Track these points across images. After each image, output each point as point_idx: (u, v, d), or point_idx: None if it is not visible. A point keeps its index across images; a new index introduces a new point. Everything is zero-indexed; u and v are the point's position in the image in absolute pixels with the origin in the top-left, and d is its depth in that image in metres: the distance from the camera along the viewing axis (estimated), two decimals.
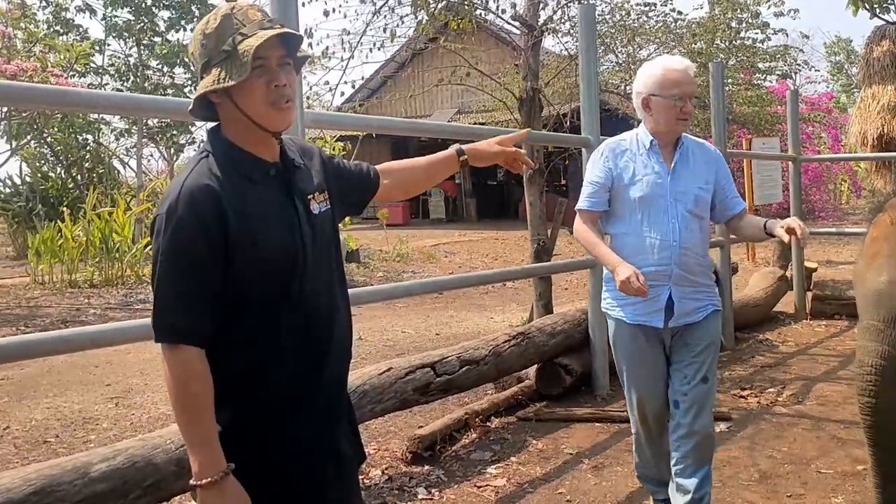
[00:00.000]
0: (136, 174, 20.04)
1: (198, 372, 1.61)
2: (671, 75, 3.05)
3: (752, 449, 4.29)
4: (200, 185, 1.62)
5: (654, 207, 3.09)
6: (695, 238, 3.11)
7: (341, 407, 1.88)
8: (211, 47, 1.67)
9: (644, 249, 3.09)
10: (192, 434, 1.61)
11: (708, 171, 3.18)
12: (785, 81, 20.61)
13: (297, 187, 1.77)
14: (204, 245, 1.60)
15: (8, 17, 11.14)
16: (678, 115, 3.06)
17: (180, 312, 1.61)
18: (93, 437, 4.86)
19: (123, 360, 6.91)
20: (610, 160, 3.19)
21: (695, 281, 3.13)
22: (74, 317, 8.98)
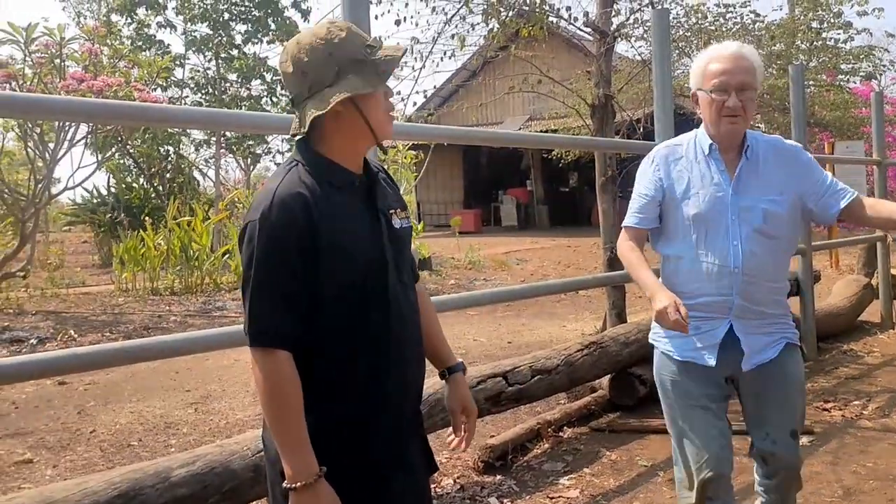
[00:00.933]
0: (214, 184, 20.60)
1: (289, 376, 1.64)
2: (714, 65, 2.57)
3: (836, 464, 4.14)
4: (293, 192, 1.66)
5: (713, 226, 2.60)
6: (763, 263, 2.60)
7: (417, 417, 1.90)
8: (340, 56, 1.69)
9: (699, 276, 2.62)
10: (285, 437, 1.64)
11: (785, 178, 2.63)
12: (869, 83, 19.89)
13: (381, 200, 1.81)
14: (296, 251, 1.63)
15: (94, 34, 11.58)
16: (721, 110, 2.55)
17: (274, 317, 1.65)
18: (173, 441, 5.01)
19: (202, 367, 7.09)
20: (661, 169, 2.72)
21: (762, 312, 2.63)
22: (156, 324, 9.26)
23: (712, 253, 2.60)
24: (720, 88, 2.54)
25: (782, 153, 2.68)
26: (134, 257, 12.08)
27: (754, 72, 2.56)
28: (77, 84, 9.30)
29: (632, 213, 2.76)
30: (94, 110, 2.85)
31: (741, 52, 2.57)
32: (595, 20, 6.62)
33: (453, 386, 2.02)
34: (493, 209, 25.69)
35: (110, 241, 15.72)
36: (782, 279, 2.73)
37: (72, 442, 5.02)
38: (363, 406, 1.74)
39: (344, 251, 1.68)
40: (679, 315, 2.35)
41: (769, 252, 2.61)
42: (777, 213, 2.60)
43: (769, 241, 2.60)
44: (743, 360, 2.61)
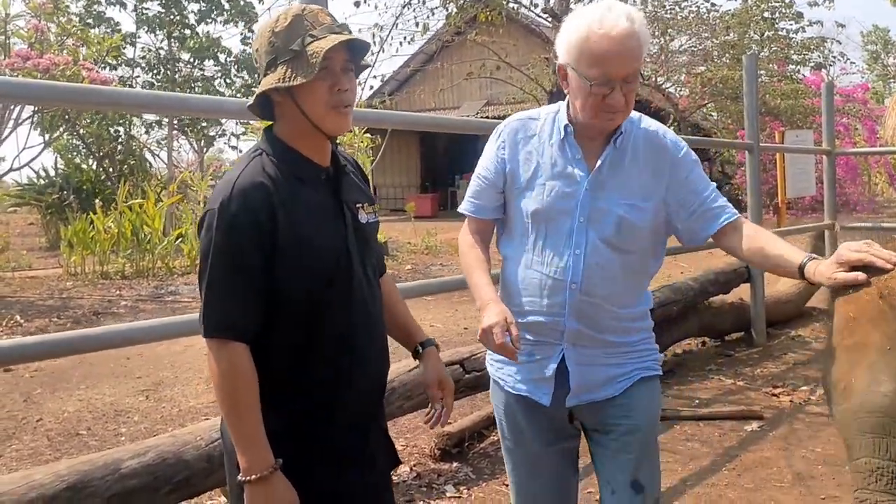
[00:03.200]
0: (166, 166, 20.23)
1: (245, 368, 1.62)
2: (596, 44, 1.91)
3: (786, 449, 4.22)
4: (255, 182, 1.64)
5: (554, 228, 2.08)
6: (610, 281, 2.06)
7: (378, 413, 1.89)
8: (279, 45, 1.67)
9: (532, 289, 2.10)
10: (240, 430, 1.63)
11: (653, 180, 2.08)
12: (819, 73, 20.28)
13: (347, 193, 1.78)
14: (255, 242, 1.62)
15: (41, 11, 11.25)
16: (601, 105, 1.96)
17: (230, 308, 1.63)
18: (124, 430, 4.91)
19: (154, 353, 6.97)
20: (506, 147, 2.17)
21: (605, 341, 2.10)
22: (106, 308, 9.07)
23: (548, 261, 2.08)
24: (602, 81, 1.94)
25: (658, 149, 2.11)
26: (83, 240, 11.81)
27: (642, 53, 1.98)
28: (22, 62, 9.06)
29: (467, 198, 2.26)
30: (39, 93, 2.74)
31: (632, 29, 1.91)
32: (553, 6, 6.61)
33: (427, 360, 2.02)
34: (451, 193, 25.67)
35: (58, 224, 15.34)
36: (636, 303, 2.16)
37: (17, 431, 4.89)
38: (324, 399, 1.72)
39: (306, 245, 1.66)
40: (508, 337, 1.87)
41: (620, 269, 2.07)
42: (634, 222, 2.06)
43: (620, 255, 2.07)
44: (569, 395, 2.11)
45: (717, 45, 17.55)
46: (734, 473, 3.91)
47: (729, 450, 4.24)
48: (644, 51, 1.98)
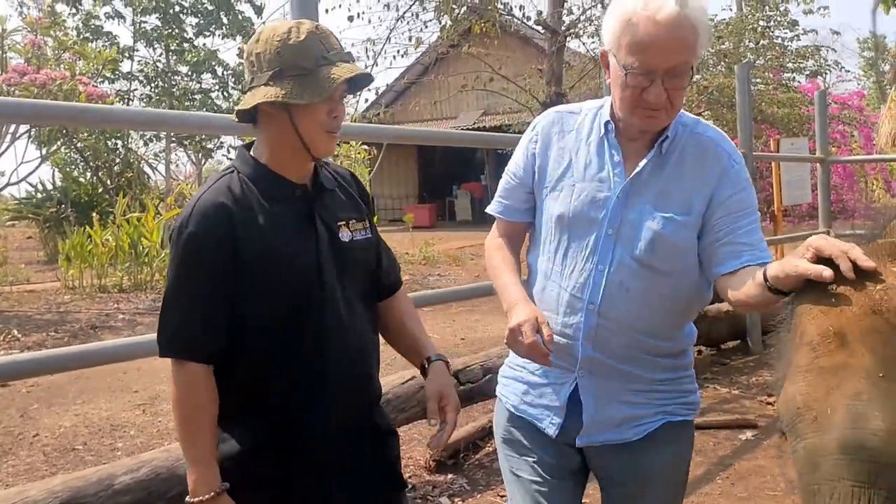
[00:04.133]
0: (164, 178, 20.26)
1: (200, 389, 1.64)
2: (638, 27, 1.67)
3: (780, 458, 4.24)
4: (215, 202, 1.65)
5: (578, 237, 1.84)
6: (637, 305, 1.80)
7: (361, 437, 1.82)
8: (288, 57, 1.65)
9: (549, 302, 1.86)
10: (190, 450, 1.65)
11: (697, 192, 1.80)
12: (815, 80, 20.35)
13: (324, 211, 1.76)
14: (211, 262, 1.62)
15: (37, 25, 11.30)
16: (637, 100, 1.73)
17: (184, 328, 1.64)
18: (120, 444, 4.92)
19: (150, 366, 6.96)
20: (538, 140, 1.94)
21: (627, 373, 1.84)
22: (104, 322, 9.08)
23: (568, 274, 1.84)
24: (641, 71, 1.69)
25: (709, 158, 1.84)
26: (81, 254, 11.81)
27: (695, 44, 1.70)
28: (19, 77, 9.09)
29: (496, 198, 2.05)
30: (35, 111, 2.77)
31: (682, 14, 1.66)
32: (546, 18, 6.67)
33: (431, 374, 1.89)
34: (448, 204, 25.70)
35: (56, 238, 15.34)
36: (672, 336, 1.88)
37: (14, 446, 4.90)
38: (296, 413, 1.71)
39: (270, 263, 1.66)
40: (539, 338, 1.67)
41: (651, 292, 1.80)
42: (670, 238, 1.78)
43: (654, 276, 1.80)
44: (580, 432, 1.87)
45: (713, 53, 17.63)
46: (728, 482, 3.93)
47: (723, 458, 4.26)
48: (699, 43, 1.70)
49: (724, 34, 17.20)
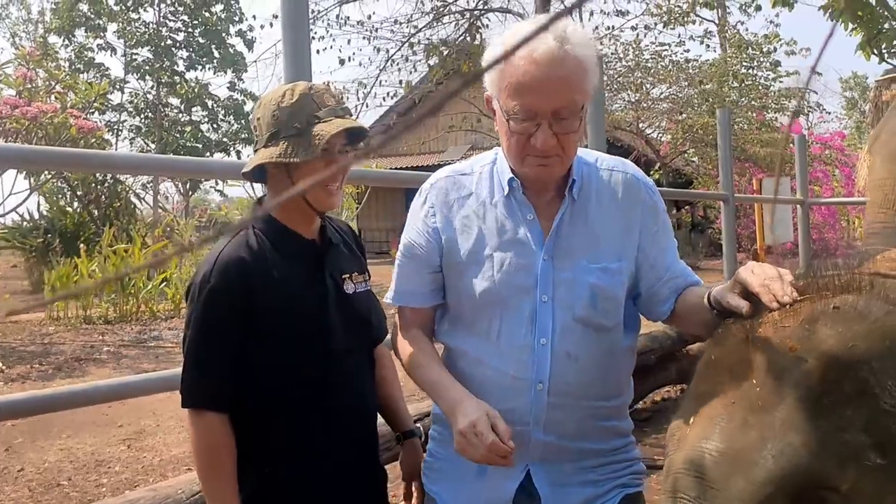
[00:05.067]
0: (152, 209, 20.27)
1: (220, 437, 1.70)
2: (516, 67, 1.53)
3: None
4: (234, 257, 1.72)
5: (512, 313, 1.67)
6: (587, 373, 1.67)
7: (359, 482, 1.88)
8: (283, 120, 1.73)
9: (485, 389, 1.65)
10: (214, 496, 1.70)
11: (625, 234, 1.72)
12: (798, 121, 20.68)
13: (332, 265, 1.84)
14: (231, 316, 1.69)
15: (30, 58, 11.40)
16: (524, 148, 1.60)
17: (207, 380, 1.71)
18: (105, 480, 4.92)
19: (136, 400, 6.95)
20: (437, 213, 1.76)
21: (581, 450, 1.71)
22: (88, 354, 9.05)
23: (506, 355, 1.67)
24: (524, 115, 1.56)
25: (627, 193, 1.74)
26: (66, 284, 11.80)
27: (582, 82, 1.55)
28: (10, 110, 9.14)
29: (395, 286, 1.84)
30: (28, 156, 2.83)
31: (563, 52, 1.51)
32: None
33: (405, 452, 2.01)
34: None
35: (41, 268, 15.30)
36: (616, 394, 1.76)
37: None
38: (298, 466, 1.77)
39: (281, 316, 1.72)
40: (496, 436, 1.48)
41: (600, 353, 1.68)
42: (609, 290, 1.68)
43: (598, 336, 1.68)
44: None
45: (697, 93, 17.92)
46: None
47: None
48: (588, 79, 1.57)
49: (708, 75, 17.52)
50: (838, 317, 1.26)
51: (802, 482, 1.17)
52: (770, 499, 1.17)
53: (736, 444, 1.22)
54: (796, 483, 1.17)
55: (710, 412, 1.29)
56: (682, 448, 1.30)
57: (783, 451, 1.18)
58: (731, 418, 1.25)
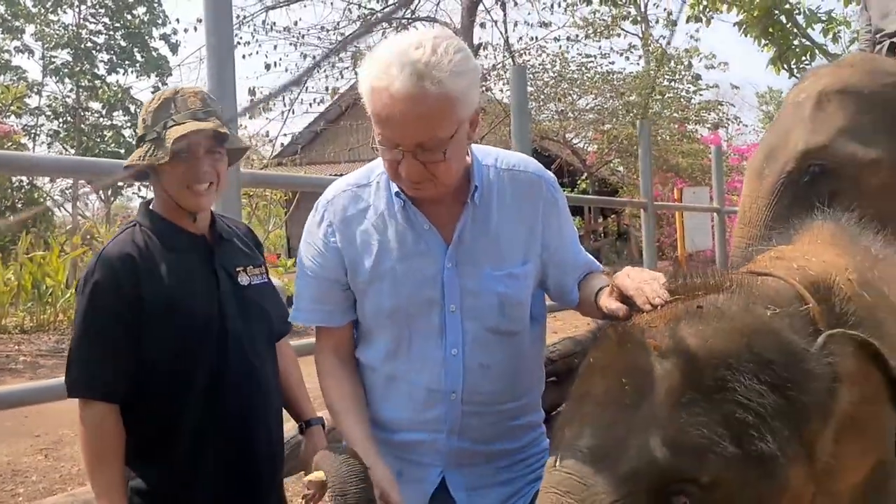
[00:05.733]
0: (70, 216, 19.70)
1: (106, 427, 1.73)
2: (376, 98, 1.50)
3: None
4: (120, 253, 1.77)
5: (420, 326, 1.67)
6: (499, 380, 1.68)
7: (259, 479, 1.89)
8: (148, 124, 1.80)
9: (400, 403, 1.71)
10: (96, 484, 1.74)
11: (529, 235, 1.72)
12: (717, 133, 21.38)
13: (224, 258, 1.88)
14: (116, 309, 1.74)
15: None
16: (396, 174, 1.58)
17: (90, 370, 1.75)
18: (21, 490, 4.79)
19: (53, 409, 6.72)
20: (336, 232, 1.71)
21: (494, 452, 1.73)
22: (4, 364, 8.76)
23: (418, 367, 1.67)
24: (387, 145, 1.54)
25: (528, 190, 1.72)
26: None
27: (447, 116, 1.50)
28: None
29: (306, 306, 1.78)
30: None
31: (421, 89, 1.45)
32: None
33: (308, 439, 2.04)
34: None
35: None
36: (526, 393, 1.77)
37: None
38: (185, 467, 1.79)
39: (173, 311, 1.77)
40: None
41: (509, 358, 1.70)
42: (516, 297, 1.69)
43: (507, 342, 1.70)
44: None
45: (622, 105, 18.37)
46: None
47: None
48: (454, 112, 1.51)
49: (632, 87, 17.99)
50: (700, 316, 1.32)
51: (662, 476, 1.22)
52: (632, 493, 1.22)
53: (602, 442, 1.27)
54: (656, 477, 1.22)
55: (584, 412, 1.34)
56: (559, 447, 1.35)
57: (644, 447, 1.23)
58: (601, 418, 1.31)
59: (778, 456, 1.23)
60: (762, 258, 1.62)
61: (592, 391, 1.35)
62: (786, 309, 1.35)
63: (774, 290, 1.40)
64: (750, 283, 1.41)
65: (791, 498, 1.27)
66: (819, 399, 1.28)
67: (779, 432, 1.24)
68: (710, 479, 1.22)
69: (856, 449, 1.33)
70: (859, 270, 1.51)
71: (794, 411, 1.26)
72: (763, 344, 1.28)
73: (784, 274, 1.44)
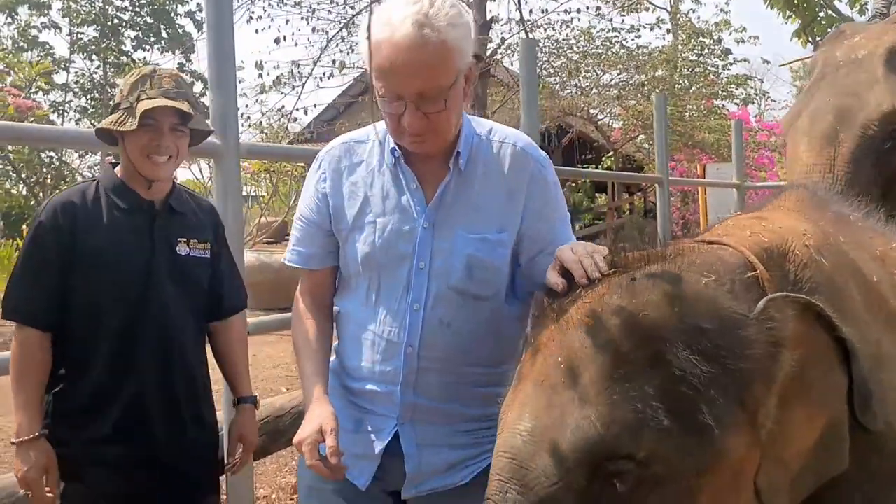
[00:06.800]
0: None
1: (30, 350, 1.95)
2: (381, 52, 1.56)
3: None
4: (66, 201, 1.99)
5: (389, 277, 1.72)
6: (460, 339, 1.70)
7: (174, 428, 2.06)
8: (123, 95, 1.98)
9: (365, 351, 1.75)
10: (16, 399, 1.94)
11: (509, 205, 1.74)
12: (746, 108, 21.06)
13: (166, 226, 2.04)
14: (51, 248, 1.96)
15: None
16: (398, 127, 1.63)
17: (26, 298, 1.96)
18: None
19: None
20: (328, 179, 1.79)
21: (453, 413, 1.74)
22: None
23: (382, 319, 1.72)
24: (389, 97, 1.59)
25: (516, 164, 1.75)
26: (8, 267, 11.59)
27: (446, 64, 1.57)
28: None
29: (291, 246, 1.86)
30: None
31: (421, 36, 1.52)
32: None
33: (238, 416, 2.23)
34: None
35: None
36: (495, 362, 1.72)
37: None
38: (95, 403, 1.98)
39: (102, 258, 1.96)
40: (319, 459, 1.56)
41: (474, 322, 1.71)
42: (487, 260, 1.71)
43: (474, 304, 1.71)
44: (405, 482, 1.74)
45: (648, 79, 18.12)
46: None
47: None
48: (453, 60, 1.58)
49: (658, 63, 17.72)
50: (633, 288, 1.31)
51: (597, 454, 1.21)
52: (570, 473, 1.22)
53: (541, 423, 1.27)
54: (592, 455, 1.21)
55: (524, 393, 1.34)
56: (502, 431, 1.35)
57: (577, 426, 1.22)
58: (538, 399, 1.30)
59: (713, 426, 1.21)
60: (719, 227, 1.59)
61: (531, 371, 1.35)
62: (727, 276, 1.32)
63: (719, 258, 1.37)
64: (691, 252, 1.38)
65: (734, 466, 1.26)
66: (758, 365, 1.26)
67: (715, 401, 1.22)
68: (647, 453, 1.21)
69: (802, 414, 1.31)
70: (819, 236, 1.48)
71: (732, 379, 1.24)
72: (696, 312, 1.26)
73: (734, 241, 1.41)
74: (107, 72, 20.83)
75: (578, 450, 1.22)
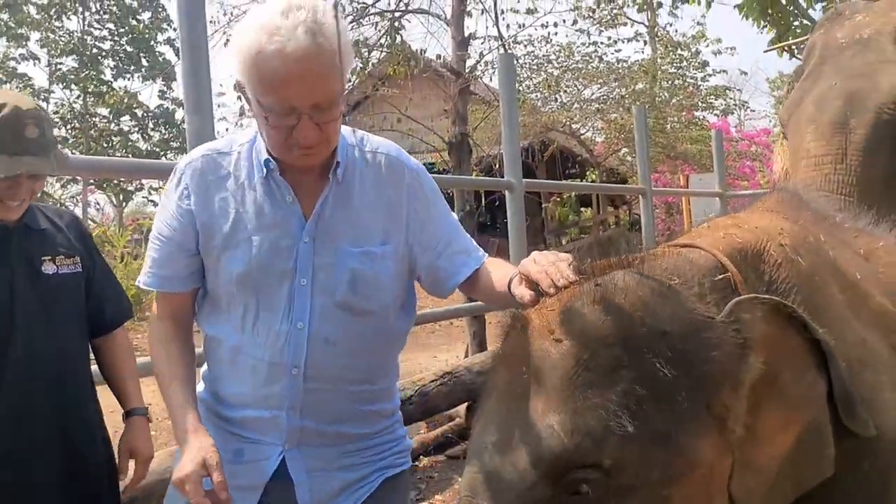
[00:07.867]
0: None
1: None
2: (267, 63, 1.45)
3: None
4: None
5: (268, 297, 1.63)
6: (344, 357, 1.65)
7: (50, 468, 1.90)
8: None
9: (243, 377, 1.66)
10: None
11: (390, 217, 1.69)
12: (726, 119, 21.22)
13: (25, 246, 1.90)
14: None
15: None
16: (287, 141, 1.53)
17: None
18: None
19: None
20: (192, 195, 1.66)
21: (341, 435, 1.68)
22: None
23: (262, 342, 1.63)
24: (282, 111, 1.49)
25: (392, 176, 1.70)
26: None
27: (339, 71, 1.50)
28: None
29: (147, 269, 1.71)
30: None
31: (315, 46, 1.44)
32: (451, 61, 6.92)
33: (128, 428, 2.07)
34: None
35: None
36: (378, 378, 1.73)
37: None
38: None
39: None
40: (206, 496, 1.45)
41: (360, 338, 1.65)
42: (371, 274, 1.64)
43: (358, 320, 1.65)
44: None
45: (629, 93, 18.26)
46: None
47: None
48: (344, 67, 1.51)
49: (638, 75, 17.87)
50: (597, 294, 1.26)
51: (562, 463, 1.18)
52: (535, 486, 1.18)
53: (504, 436, 1.24)
54: (556, 465, 1.18)
55: (489, 407, 1.31)
56: (469, 446, 1.32)
57: (541, 436, 1.19)
58: (503, 411, 1.27)
59: (679, 432, 1.18)
60: (695, 230, 1.56)
61: (497, 384, 1.32)
62: (695, 279, 1.29)
63: (688, 261, 1.34)
64: (660, 256, 1.35)
65: (704, 473, 1.21)
66: (725, 369, 1.21)
67: (678, 406, 1.18)
68: (612, 461, 1.17)
69: (776, 418, 1.26)
70: (797, 235, 1.45)
71: (697, 383, 1.19)
72: (659, 316, 1.22)
73: (706, 243, 1.38)
74: (87, 101, 20.84)
75: (543, 460, 1.18)
